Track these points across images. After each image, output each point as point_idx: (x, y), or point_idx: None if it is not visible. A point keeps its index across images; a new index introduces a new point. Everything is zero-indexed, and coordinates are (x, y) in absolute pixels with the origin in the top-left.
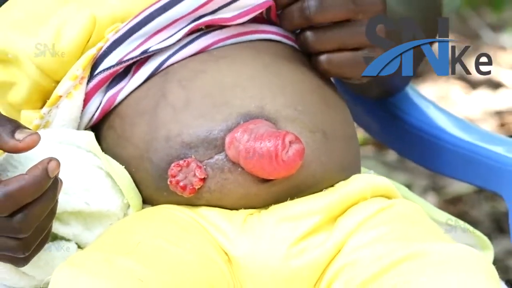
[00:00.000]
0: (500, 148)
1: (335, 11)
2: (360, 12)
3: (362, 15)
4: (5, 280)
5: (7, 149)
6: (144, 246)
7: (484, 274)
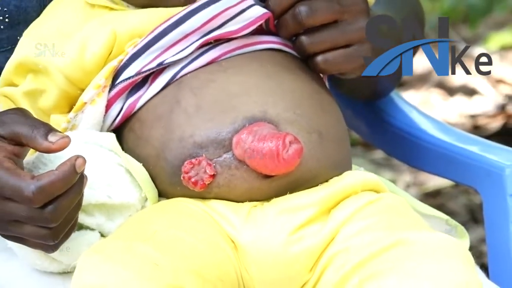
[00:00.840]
0: (475, 148)
1: (323, 14)
2: (345, 12)
3: (347, 15)
4: (36, 264)
5: (41, 150)
6: (159, 235)
7: (461, 259)
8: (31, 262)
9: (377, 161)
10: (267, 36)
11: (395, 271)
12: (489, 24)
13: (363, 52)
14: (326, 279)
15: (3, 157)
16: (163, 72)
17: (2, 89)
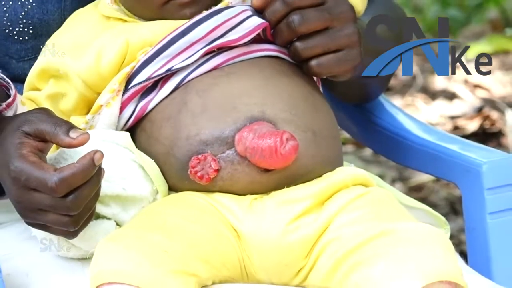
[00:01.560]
0: (455, 146)
1: (315, 22)
2: (334, 20)
3: (336, 23)
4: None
5: (63, 145)
6: (169, 225)
7: (442, 247)
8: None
9: (366, 158)
10: (264, 44)
11: (383, 258)
12: (467, 35)
13: (353, 56)
14: (320, 265)
15: (28, 152)
16: (172, 77)
17: (27, 93)
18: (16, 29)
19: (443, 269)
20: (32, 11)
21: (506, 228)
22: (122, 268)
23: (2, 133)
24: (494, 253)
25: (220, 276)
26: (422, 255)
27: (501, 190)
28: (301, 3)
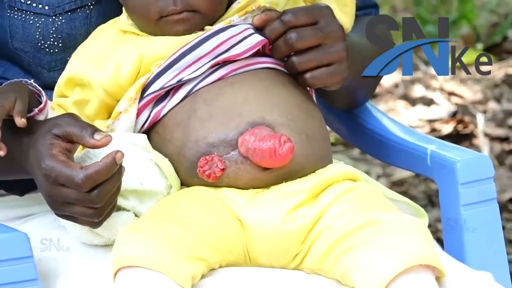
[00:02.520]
0: (433, 146)
1: (309, 39)
2: (326, 38)
3: (328, 40)
4: (83, 239)
5: (88, 146)
6: (182, 216)
7: (421, 235)
8: (79, 237)
9: (354, 157)
10: (264, 58)
11: (369, 244)
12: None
13: (342, 69)
14: (314, 250)
15: (58, 152)
16: (182, 87)
17: (56, 99)
18: (47, 42)
19: (422, 254)
20: (61, 27)
21: (477, 218)
22: (140, 254)
23: (34, 135)
24: (467, 240)
25: (226, 261)
26: (403, 242)
27: (473, 185)
28: (297, 22)
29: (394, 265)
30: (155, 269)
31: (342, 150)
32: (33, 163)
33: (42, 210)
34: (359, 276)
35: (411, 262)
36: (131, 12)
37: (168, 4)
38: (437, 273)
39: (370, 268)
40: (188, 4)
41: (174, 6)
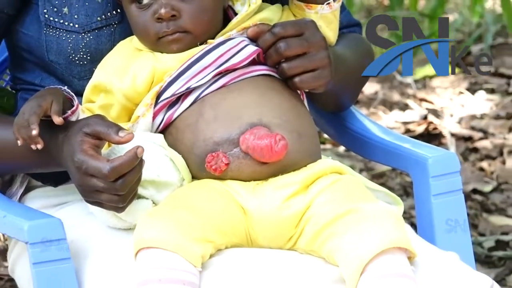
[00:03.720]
0: (408, 145)
1: (296, 48)
2: (311, 47)
3: (312, 49)
4: (109, 223)
5: (114, 142)
6: (193, 204)
7: (395, 221)
8: (105, 221)
9: (340, 154)
10: (259, 66)
11: (351, 230)
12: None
13: (325, 74)
14: (305, 234)
15: (88, 147)
16: (190, 94)
17: (85, 104)
18: (77, 56)
19: (395, 238)
20: (89, 42)
21: (446, 206)
22: (157, 237)
23: (68, 133)
24: (436, 225)
25: (231, 242)
26: (380, 228)
27: (442, 178)
28: (285, 34)
29: (372, 247)
30: (171, 249)
31: (330, 148)
32: (67, 157)
33: (74, 199)
34: (342, 257)
35: (386, 245)
36: (137, 35)
37: (162, 27)
38: (409, 254)
39: (351, 250)
40: (179, 26)
41: (166, 28)
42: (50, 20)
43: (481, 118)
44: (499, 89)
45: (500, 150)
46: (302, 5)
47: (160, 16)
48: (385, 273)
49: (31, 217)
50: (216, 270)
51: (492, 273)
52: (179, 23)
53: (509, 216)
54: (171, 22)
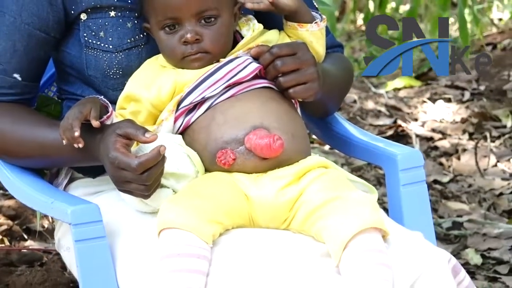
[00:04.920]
0: (381, 144)
1: (290, 65)
2: (302, 64)
3: (304, 66)
4: (137, 207)
5: (141, 142)
6: (205, 192)
7: (372, 206)
8: (134, 206)
9: (326, 151)
10: (260, 79)
11: (335, 213)
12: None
13: (314, 86)
14: (297, 216)
15: (120, 146)
16: (205, 102)
17: (118, 110)
18: (111, 71)
19: (372, 220)
20: (121, 60)
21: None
22: (176, 219)
23: (104, 134)
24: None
25: (236, 224)
26: (359, 212)
27: (409, 171)
28: (281, 53)
29: (352, 227)
30: (187, 229)
31: (317, 146)
32: (103, 154)
33: (108, 188)
34: (328, 235)
35: (365, 225)
36: (164, 55)
37: (187, 49)
38: (383, 233)
39: (336, 230)
40: (201, 47)
41: (191, 49)
42: (89, 42)
43: (440, 122)
44: (455, 98)
45: (455, 148)
46: (295, 25)
47: (186, 40)
48: (363, 249)
49: (73, 203)
50: (224, 247)
51: (449, 248)
52: (201, 45)
53: (463, 202)
54: (195, 45)
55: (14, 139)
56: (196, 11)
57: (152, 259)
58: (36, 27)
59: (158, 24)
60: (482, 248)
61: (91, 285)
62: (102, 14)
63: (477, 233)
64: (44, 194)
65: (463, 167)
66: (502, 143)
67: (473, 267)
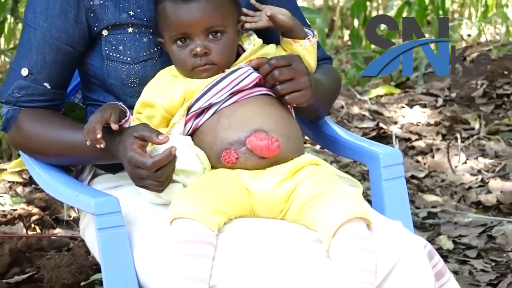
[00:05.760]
0: (365, 144)
1: (287, 75)
2: (297, 74)
3: (298, 75)
4: (151, 199)
5: (155, 143)
6: (211, 186)
7: (358, 199)
8: (149, 199)
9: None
10: (260, 87)
11: (325, 205)
12: (370, 85)
13: (307, 93)
14: (292, 207)
15: (136, 147)
16: (211, 108)
17: (135, 115)
18: (129, 80)
19: (358, 211)
20: (138, 71)
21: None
22: (186, 210)
23: (122, 136)
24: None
25: (239, 214)
26: (346, 204)
27: (390, 168)
28: (278, 64)
29: (340, 217)
30: (195, 219)
31: (309, 146)
32: (121, 153)
33: (126, 183)
34: (320, 224)
35: (351, 215)
36: (176, 66)
37: (196, 61)
38: (367, 222)
39: (326, 219)
40: (209, 60)
41: (200, 61)
42: (109, 55)
43: (416, 125)
44: (429, 104)
45: (430, 148)
46: (290, 40)
47: (196, 53)
48: (350, 236)
49: (96, 196)
50: (228, 234)
51: (425, 235)
52: (209, 58)
53: (437, 195)
54: (204, 57)
55: (44, 140)
56: (205, 27)
57: (165, 245)
58: (63, 42)
59: (171, 39)
60: (454, 235)
61: (111, 268)
62: (121, 31)
63: (449, 222)
64: (71, 188)
65: (436, 164)
66: (471, 143)
67: (445, 252)
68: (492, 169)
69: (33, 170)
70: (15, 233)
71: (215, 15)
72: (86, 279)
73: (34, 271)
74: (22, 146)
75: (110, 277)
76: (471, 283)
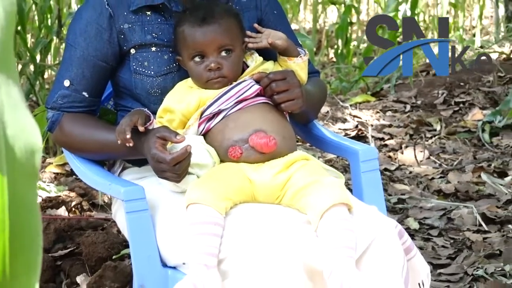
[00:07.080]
0: (347, 142)
1: (282, 87)
2: (291, 86)
3: (291, 87)
4: (171, 188)
5: (173, 142)
6: (220, 177)
7: (341, 188)
8: (169, 188)
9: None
10: (261, 97)
11: (314, 192)
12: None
13: (299, 102)
14: (287, 195)
15: (158, 145)
16: (220, 113)
17: (157, 119)
18: (153, 90)
19: (341, 197)
20: (160, 83)
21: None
22: (199, 197)
23: (147, 136)
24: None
25: (242, 200)
26: (331, 192)
27: (367, 162)
28: (276, 78)
29: (326, 203)
30: (207, 204)
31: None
32: (146, 151)
33: (150, 174)
34: (309, 209)
35: (336, 201)
36: (193, 78)
37: (210, 74)
38: (348, 207)
39: (314, 204)
40: (221, 73)
41: (213, 75)
42: (136, 70)
43: (389, 127)
44: (399, 110)
45: (400, 145)
46: (286, 58)
47: (210, 68)
48: (335, 218)
49: (125, 185)
50: (234, 216)
51: (396, 217)
52: (221, 72)
53: (405, 184)
54: (217, 72)
55: (83, 139)
56: (217, 46)
57: (182, 225)
58: (99, 58)
59: (189, 56)
60: (419, 217)
61: (138, 244)
62: (146, 49)
63: (416, 207)
64: (104, 178)
65: (405, 159)
66: (433, 142)
67: (412, 231)
68: (450, 163)
69: (73, 163)
70: (59, 215)
71: (225, 36)
72: (117, 253)
73: (74, 246)
74: (64, 144)
75: (137, 251)
76: (433, 256)
